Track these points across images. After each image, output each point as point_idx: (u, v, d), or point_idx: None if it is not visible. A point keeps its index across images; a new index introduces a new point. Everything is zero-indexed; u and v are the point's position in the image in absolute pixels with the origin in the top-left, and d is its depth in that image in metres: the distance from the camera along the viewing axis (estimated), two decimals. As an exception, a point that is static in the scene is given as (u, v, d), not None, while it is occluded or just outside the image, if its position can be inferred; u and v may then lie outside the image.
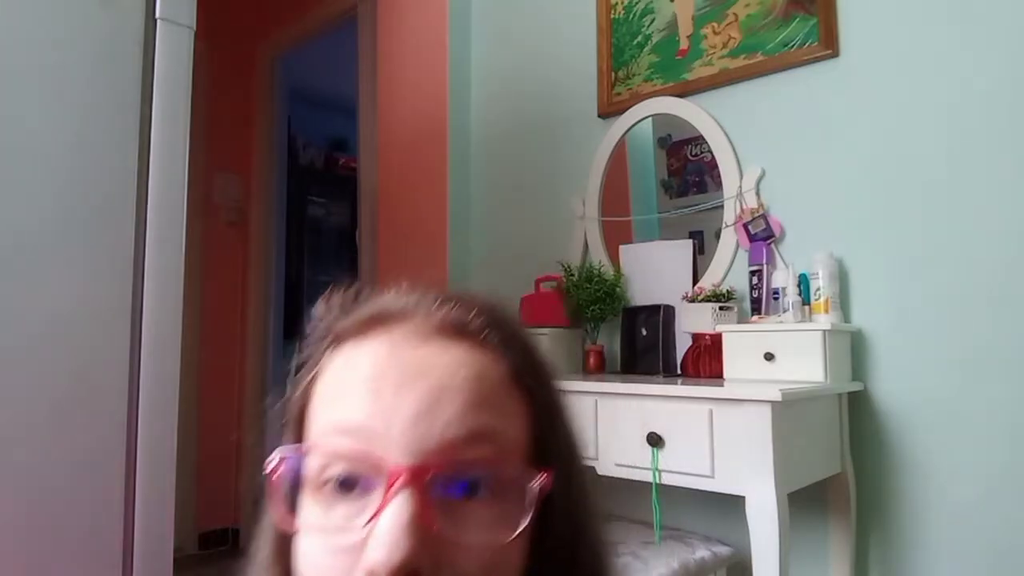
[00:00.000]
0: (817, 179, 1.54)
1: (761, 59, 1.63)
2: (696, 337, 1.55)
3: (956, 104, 1.37)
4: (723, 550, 1.45)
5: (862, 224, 1.47)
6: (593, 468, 1.32)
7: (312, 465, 0.38)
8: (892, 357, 1.42)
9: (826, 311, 1.40)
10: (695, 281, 1.69)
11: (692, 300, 1.59)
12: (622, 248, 1.86)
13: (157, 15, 1.10)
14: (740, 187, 1.64)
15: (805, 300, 1.45)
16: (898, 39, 1.45)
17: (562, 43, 2.10)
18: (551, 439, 0.42)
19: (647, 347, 1.66)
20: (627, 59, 1.91)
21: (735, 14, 1.69)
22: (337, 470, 0.37)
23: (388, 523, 0.34)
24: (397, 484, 0.35)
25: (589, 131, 2.00)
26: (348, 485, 0.37)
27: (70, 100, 1.02)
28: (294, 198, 4.11)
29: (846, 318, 1.47)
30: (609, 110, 1.94)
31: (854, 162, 1.49)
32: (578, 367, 1.85)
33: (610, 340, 1.83)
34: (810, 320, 1.42)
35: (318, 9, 3.00)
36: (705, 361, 1.51)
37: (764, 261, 1.54)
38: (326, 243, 5.08)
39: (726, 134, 1.69)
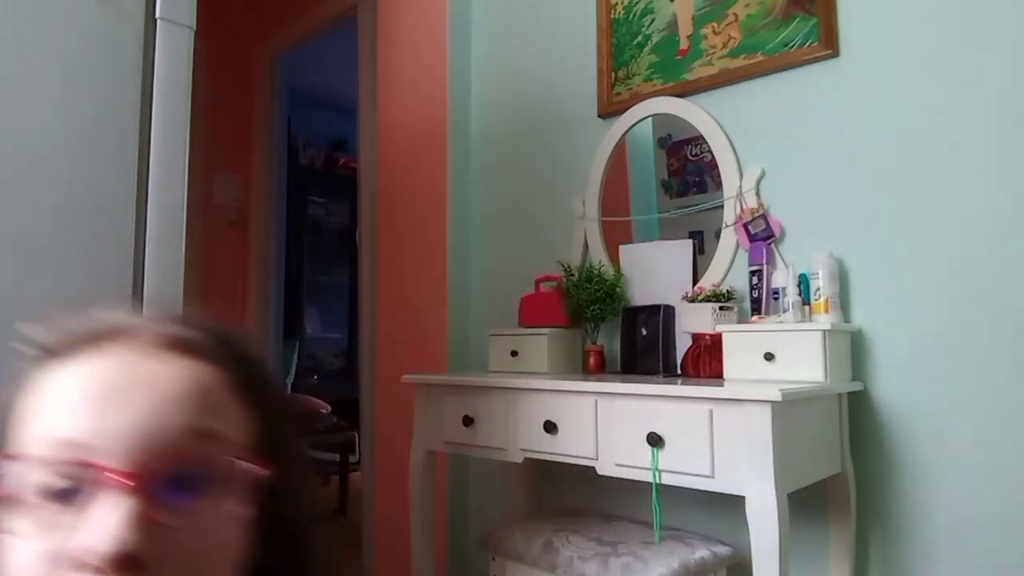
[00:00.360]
0: (817, 179, 1.54)
1: (761, 59, 1.63)
2: (696, 337, 1.55)
3: (956, 104, 1.37)
4: (723, 550, 1.45)
5: (862, 224, 1.47)
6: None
7: (31, 475, 0.39)
8: (892, 357, 1.42)
9: (826, 311, 1.40)
10: (695, 281, 1.69)
11: (692, 300, 1.59)
12: (622, 248, 1.86)
13: (157, 15, 1.10)
14: (740, 187, 1.64)
15: (805, 300, 1.45)
16: (898, 39, 1.45)
17: (562, 43, 2.10)
18: (274, 444, 0.46)
19: (647, 347, 1.66)
20: (627, 59, 1.91)
21: (735, 14, 1.69)
22: (58, 479, 0.38)
23: (109, 519, 0.36)
24: (118, 487, 0.37)
25: (589, 131, 2.00)
26: (69, 494, 0.38)
27: (70, 100, 1.02)
28: (294, 198, 4.11)
29: (846, 318, 1.47)
30: (609, 110, 1.94)
31: (854, 162, 1.49)
32: (578, 367, 1.85)
33: (610, 340, 1.83)
34: (810, 320, 1.42)
35: (318, 9, 3.00)
36: (705, 361, 1.51)
37: (764, 261, 1.54)
38: (326, 243, 5.09)
39: (726, 134, 1.69)
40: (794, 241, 1.56)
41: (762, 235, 1.58)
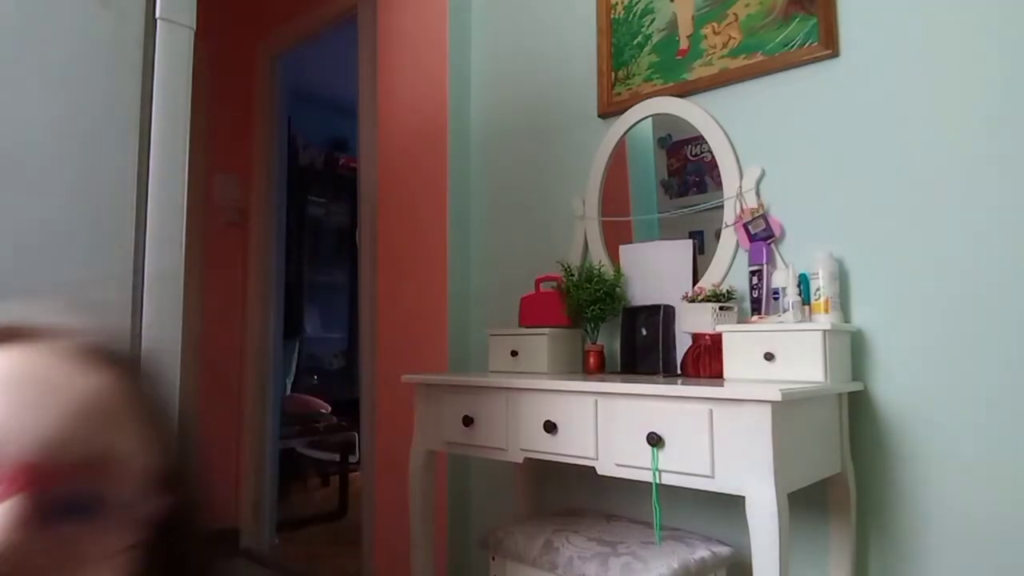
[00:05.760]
0: (817, 179, 1.54)
1: (761, 59, 1.63)
2: (696, 337, 1.55)
3: (956, 104, 1.37)
4: (723, 550, 1.45)
5: (862, 224, 1.47)
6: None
7: None
8: (892, 357, 1.42)
9: (826, 311, 1.40)
10: (695, 281, 1.69)
11: (692, 300, 1.59)
12: (622, 248, 1.86)
13: (157, 15, 1.10)
14: (740, 187, 1.64)
15: (805, 300, 1.45)
16: (898, 39, 1.45)
17: (562, 43, 2.10)
18: (175, 473, 0.45)
19: (647, 347, 1.66)
20: (627, 59, 1.91)
21: (735, 14, 1.69)
22: None
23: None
24: (18, 483, 0.36)
25: (589, 131, 2.00)
26: None
27: (70, 100, 1.02)
28: (294, 198, 4.11)
29: (846, 318, 1.47)
30: (609, 110, 1.94)
31: (854, 162, 1.49)
32: (578, 367, 1.85)
33: (610, 340, 1.83)
34: (810, 320, 1.43)
35: (318, 9, 3.00)
36: (705, 361, 1.51)
37: (764, 261, 1.54)
38: (326, 243, 5.09)
39: (726, 134, 1.69)
40: (794, 241, 1.56)
41: (762, 235, 1.58)
